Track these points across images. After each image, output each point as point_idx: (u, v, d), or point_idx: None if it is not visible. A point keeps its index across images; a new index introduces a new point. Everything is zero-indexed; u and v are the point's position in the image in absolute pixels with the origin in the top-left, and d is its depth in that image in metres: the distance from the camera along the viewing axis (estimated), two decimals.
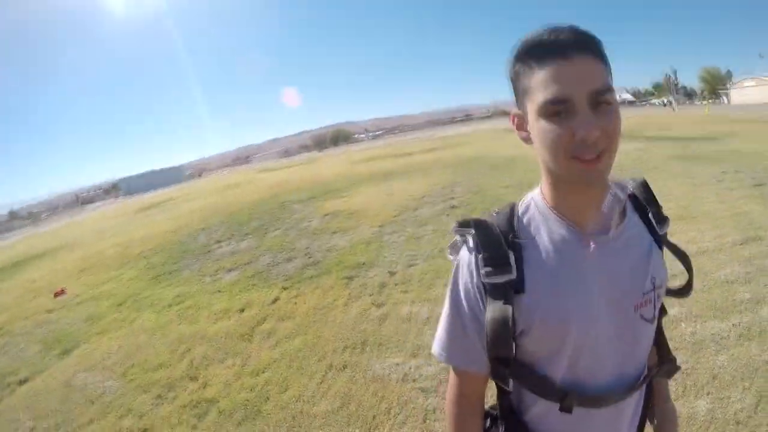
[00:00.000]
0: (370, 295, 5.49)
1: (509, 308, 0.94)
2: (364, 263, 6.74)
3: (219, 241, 10.20)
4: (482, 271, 0.96)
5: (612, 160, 0.88)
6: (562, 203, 0.99)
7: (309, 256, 7.67)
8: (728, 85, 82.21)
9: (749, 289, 4.32)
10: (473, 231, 1.01)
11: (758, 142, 14.21)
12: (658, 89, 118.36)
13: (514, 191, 10.02)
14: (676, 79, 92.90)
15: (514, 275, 0.95)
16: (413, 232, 8.12)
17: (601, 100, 0.84)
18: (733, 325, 3.79)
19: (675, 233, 4.78)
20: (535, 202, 1.05)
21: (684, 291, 1.21)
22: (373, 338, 4.42)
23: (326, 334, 4.64)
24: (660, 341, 1.17)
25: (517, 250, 0.98)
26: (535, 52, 0.87)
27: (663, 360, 1.18)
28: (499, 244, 0.98)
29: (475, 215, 1.07)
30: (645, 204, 1.11)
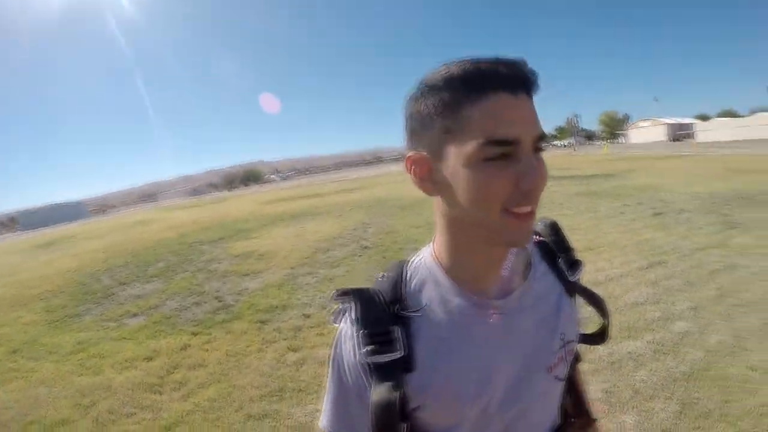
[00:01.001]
0: (285, 339, 5.29)
1: (396, 393, 0.79)
2: (277, 306, 6.51)
3: (123, 283, 9.54)
4: (364, 350, 0.81)
5: None
6: (458, 266, 0.86)
7: (219, 299, 7.33)
8: (626, 127, 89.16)
9: (658, 308, 4.79)
10: (354, 302, 0.86)
11: (654, 177, 15.73)
12: (561, 132, 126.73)
13: (424, 231, 10.24)
14: (578, 122, 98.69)
15: (400, 353, 0.80)
16: (326, 273, 8.00)
17: (539, 147, 0.74)
18: (647, 342, 4.15)
19: (585, 264, 5.23)
20: (425, 263, 0.90)
21: (599, 338, 1.09)
22: (292, 384, 4.23)
23: (242, 382, 4.38)
24: (576, 392, 1.10)
25: (405, 323, 0.84)
26: (476, 81, 0.71)
27: (579, 413, 1.09)
28: (383, 317, 0.83)
29: (385, 257, 0.95)
30: (554, 249, 1.01)
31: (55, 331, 7.16)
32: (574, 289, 1.00)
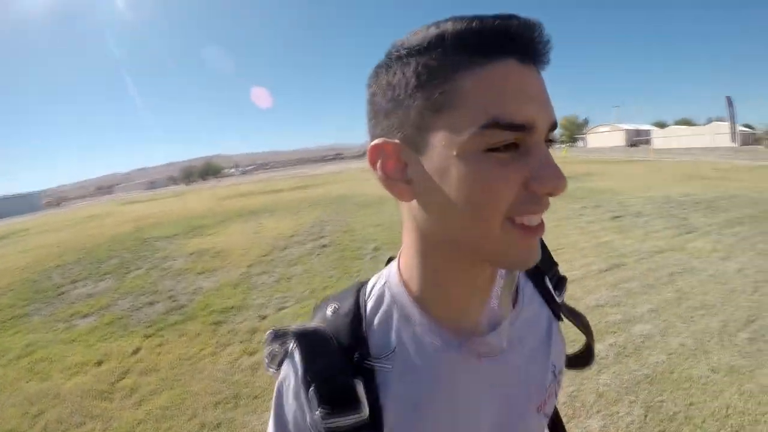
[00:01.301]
0: (241, 342, 5.20)
1: None
2: (232, 307, 6.40)
3: (74, 281, 9.21)
4: (317, 413, 0.62)
5: None
6: (435, 296, 0.67)
7: (173, 299, 7.16)
8: (585, 131, 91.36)
9: (619, 311, 4.88)
10: (298, 348, 0.67)
11: (612, 180, 16.19)
12: None
13: (383, 230, 10.25)
14: None
15: (364, 414, 0.62)
16: (283, 272, 7.91)
17: (551, 139, 0.58)
18: (609, 345, 4.22)
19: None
20: (391, 292, 0.70)
21: (584, 359, 0.96)
22: (247, 390, 4.15)
23: (195, 388, 4.29)
24: (557, 424, 0.94)
25: (368, 374, 0.65)
26: (478, 41, 0.52)
27: None
28: (339, 368, 0.64)
29: (343, 255, 0.69)
30: (539, 265, 0.74)
31: (1, 334, 6.89)
32: (560, 311, 0.86)
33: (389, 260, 0.81)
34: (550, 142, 0.57)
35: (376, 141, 0.59)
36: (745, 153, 31.47)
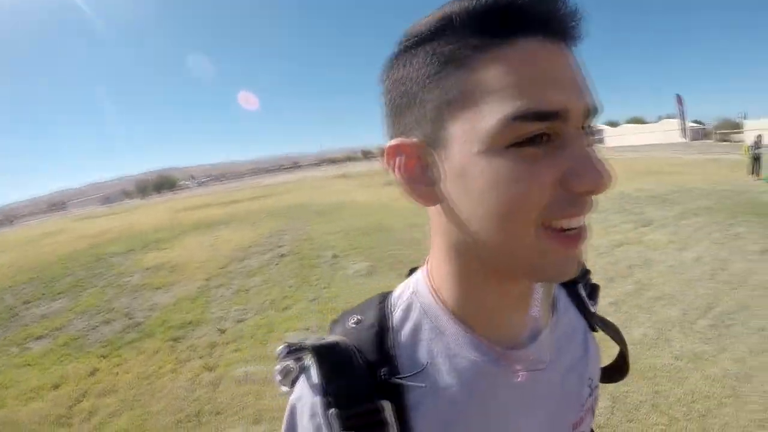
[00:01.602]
0: (200, 358, 5.18)
1: None
2: (190, 322, 6.36)
3: (28, 302, 9.00)
4: None
5: None
6: (470, 305, 0.59)
7: (130, 316, 7.07)
8: None
9: None
10: (317, 363, 0.57)
11: None
12: None
13: (341, 237, 10.32)
14: None
15: None
16: (241, 284, 7.89)
17: (590, 128, 0.50)
18: None
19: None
20: (421, 302, 0.62)
21: (618, 371, 0.87)
22: (209, 407, 4.14)
23: (156, 408, 4.26)
24: None
25: (397, 393, 0.56)
26: (496, 20, 0.45)
27: None
28: (365, 388, 0.55)
29: (302, 264, 0.56)
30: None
31: None
32: (593, 321, 0.80)
33: (411, 271, 0.74)
34: (588, 131, 0.49)
35: (392, 141, 0.53)
36: (695, 148, 32.42)
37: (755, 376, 3.51)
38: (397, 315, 0.62)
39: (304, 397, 0.58)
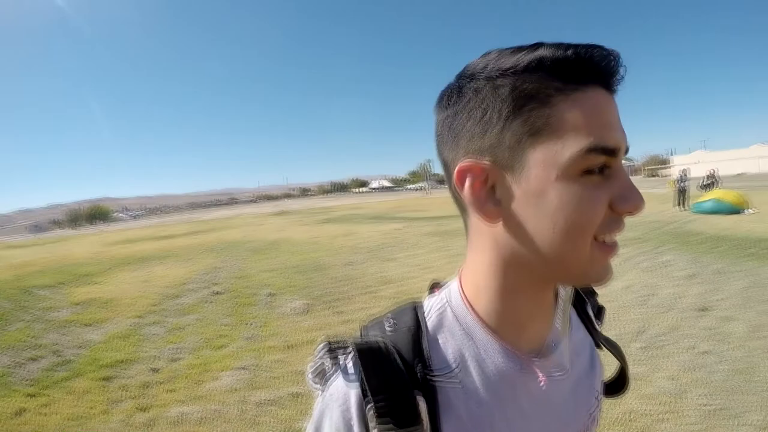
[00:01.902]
0: (133, 398, 5.08)
1: None
2: (122, 360, 6.21)
3: None
4: (374, 430, 0.59)
5: None
6: (502, 315, 0.66)
7: (58, 354, 6.79)
8: None
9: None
10: (357, 360, 0.62)
11: None
12: (415, 176, 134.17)
13: (277, 275, 10.33)
14: (431, 167, 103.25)
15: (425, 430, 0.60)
16: (175, 322, 7.76)
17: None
18: None
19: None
20: (454, 310, 0.69)
21: (620, 386, 0.94)
22: None
23: None
24: None
25: (429, 391, 0.62)
26: (574, 68, 0.55)
27: None
28: (403, 384, 0.60)
29: (238, 302, 0.59)
30: (581, 292, 0.87)
31: None
32: (598, 339, 0.88)
33: (433, 286, 0.84)
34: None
35: (464, 162, 0.60)
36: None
37: (689, 392, 3.82)
38: (431, 320, 0.69)
39: (339, 394, 0.63)
